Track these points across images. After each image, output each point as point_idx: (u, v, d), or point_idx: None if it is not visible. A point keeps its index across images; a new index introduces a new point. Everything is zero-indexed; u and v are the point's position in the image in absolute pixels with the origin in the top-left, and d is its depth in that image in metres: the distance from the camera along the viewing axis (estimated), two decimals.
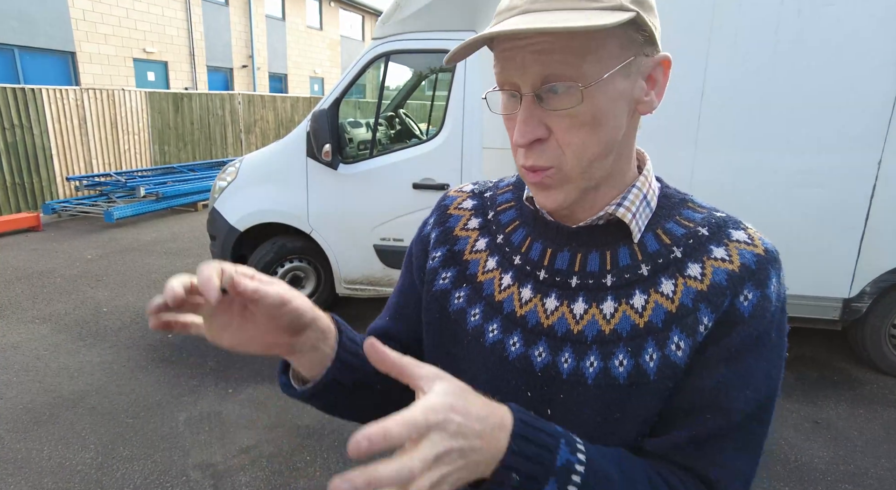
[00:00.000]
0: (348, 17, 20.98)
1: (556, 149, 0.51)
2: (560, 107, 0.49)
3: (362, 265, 3.59)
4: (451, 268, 0.65)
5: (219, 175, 3.91)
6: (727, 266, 0.52)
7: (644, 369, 0.52)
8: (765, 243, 0.55)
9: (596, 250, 0.57)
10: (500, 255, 0.62)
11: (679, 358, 0.52)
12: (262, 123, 10.80)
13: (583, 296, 0.56)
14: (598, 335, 0.54)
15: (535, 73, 0.48)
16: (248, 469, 2.29)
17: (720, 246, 0.54)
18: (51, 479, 2.19)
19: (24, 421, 2.57)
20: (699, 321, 0.51)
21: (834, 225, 2.94)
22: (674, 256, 0.55)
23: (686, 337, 0.52)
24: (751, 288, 0.52)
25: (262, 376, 3.06)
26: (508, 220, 0.64)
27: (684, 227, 0.56)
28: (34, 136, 6.67)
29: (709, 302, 0.52)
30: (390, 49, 3.32)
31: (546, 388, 0.57)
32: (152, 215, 7.08)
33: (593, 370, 0.54)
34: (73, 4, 10.45)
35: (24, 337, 3.45)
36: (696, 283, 0.53)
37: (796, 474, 2.31)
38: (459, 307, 0.62)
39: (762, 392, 0.52)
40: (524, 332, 0.58)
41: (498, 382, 0.59)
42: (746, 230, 0.56)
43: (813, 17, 2.72)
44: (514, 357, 0.58)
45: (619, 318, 0.54)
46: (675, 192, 0.62)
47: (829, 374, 3.21)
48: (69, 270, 4.77)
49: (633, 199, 0.56)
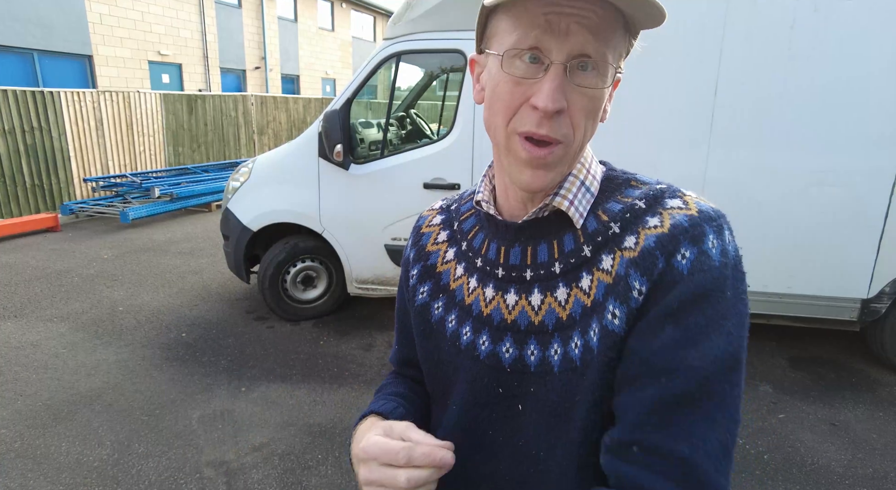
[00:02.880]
0: (360, 18, 21.06)
1: (568, 125, 0.51)
2: (586, 84, 0.50)
3: (373, 265, 3.60)
4: (427, 282, 0.68)
5: (232, 175, 3.95)
6: (658, 231, 0.51)
7: (590, 346, 0.52)
8: (700, 206, 0.53)
9: (544, 241, 0.58)
10: (466, 261, 0.65)
11: (616, 326, 0.51)
12: (274, 124, 10.88)
13: (538, 287, 0.57)
14: (556, 323, 0.55)
15: (576, 44, 0.49)
16: (260, 466, 2.31)
17: (654, 216, 0.53)
18: (69, 474, 2.23)
19: (44, 417, 2.62)
20: (630, 287, 0.50)
21: (852, 225, 2.89)
22: (612, 232, 0.54)
23: (620, 304, 0.51)
24: (687, 245, 0.49)
25: (275, 375, 3.08)
26: (469, 227, 0.67)
27: (622, 203, 0.56)
28: (53, 138, 6.79)
29: (638, 266, 0.50)
30: (401, 49, 3.33)
31: (516, 384, 0.58)
32: (167, 216, 7.17)
33: (557, 357, 0.55)
34: (90, 9, 10.63)
35: (43, 335, 3.52)
36: (629, 252, 0.52)
37: (813, 477, 2.28)
38: (439, 316, 0.66)
39: (720, 350, 0.47)
40: (491, 329, 0.60)
41: (474, 382, 0.61)
42: (683, 197, 0.54)
43: (829, 13, 2.68)
44: (484, 355, 0.60)
45: (571, 302, 0.55)
46: (622, 173, 0.61)
47: (846, 375, 3.15)
48: (86, 270, 4.85)
49: (569, 186, 0.56)
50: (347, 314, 3.96)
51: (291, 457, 2.37)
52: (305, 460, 2.35)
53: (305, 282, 3.83)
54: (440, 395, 0.68)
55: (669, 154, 2.99)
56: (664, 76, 2.90)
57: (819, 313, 3.07)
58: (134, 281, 4.59)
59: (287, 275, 3.74)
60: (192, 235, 6.22)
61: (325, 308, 3.86)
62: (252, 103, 10.21)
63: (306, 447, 2.44)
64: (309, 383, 3.00)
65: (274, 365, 3.20)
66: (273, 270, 3.68)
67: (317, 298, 3.85)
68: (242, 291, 4.37)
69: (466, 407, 0.62)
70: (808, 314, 3.10)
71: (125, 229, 6.38)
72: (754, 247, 2.97)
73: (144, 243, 5.81)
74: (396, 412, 0.65)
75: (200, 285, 4.52)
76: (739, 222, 2.66)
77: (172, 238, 6.07)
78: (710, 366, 0.47)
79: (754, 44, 2.78)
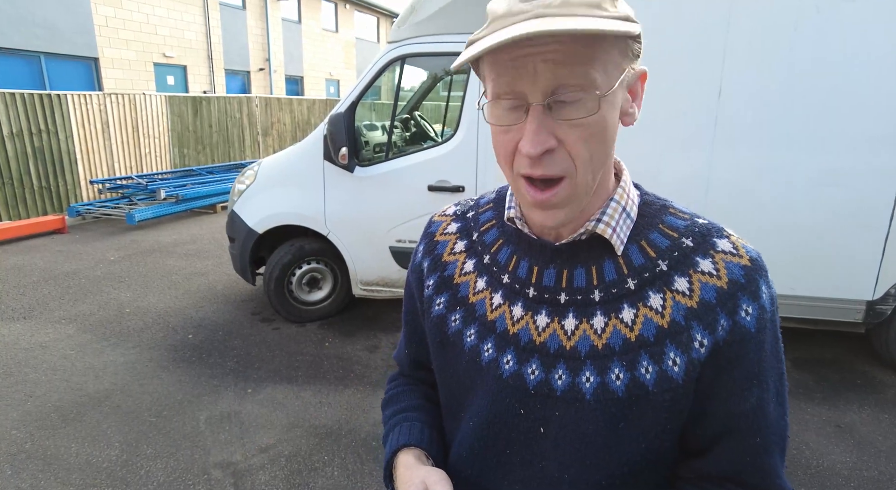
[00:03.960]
0: (363, 19, 21.10)
1: (567, 159, 0.50)
2: (572, 116, 0.48)
3: (378, 267, 3.62)
4: (443, 293, 0.66)
5: (237, 178, 3.97)
6: (715, 282, 0.53)
7: (641, 381, 0.53)
8: (749, 251, 0.55)
9: (581, 266, 0.57)
10: (489, 275, 0.63)
11: (676, 373, 0.53)
12: (279, 126, 10.92)
13: (572, 311, 0.57)
14: (590, 350, 0.55)
15: (548, 81, 0.47)
16: (267, 468, 2.33)
17: (706, 258, 0.54)
18: (79, 475, 2.26)
19: (53, 419, 2.65)
20: (693, 338, 0.52)
21: (856, 226, 2.88)
22: (659, 270, 0.55)
23: (681, 353, 0.53)
24: (748, 301, 0.52)
25: (281, 376, 3.10)
26: (492, 239, 0.65)
27: (668, 237, 0.56)
28: (60, 140, 6.84)
29: (700, 319, 0.53)
30: (406, 52, 3.34)
31: (539, 407, 0.57)
32: (172, 217, 7.21)
33: (590, 385, 0.54)
34: (96, 11, 10.70)
35: (52, 337, 3.55)
36: (685, 298, 0.53)
37: (818, 480, 2.28)
38: (456, 329, 0.64)
39: (782, 392, 0.56)
40: (517, 349, 0.59)
41: (494, 401, 0.60)
42: (730, 238, 0.56)
43: (832, 13, 2.68)
44: (507, 375, 0.59)
45: (609, 332, 0.55)
46: (655, 198, 0.61)
47: (851, 377, 3.15)
48: (93, 272, 4.89)
49: (612, 213, 0.56)
50: (352, 316, 3.98)
51: (298, 458, 2.39)
52: (312, 462, 2.37)
53: (311, 284, 3.85)
54: (454, 408, 0.67)
55: (673, 155, 3.00)
56: (668, 78, 2.91)
57: (824, 315, 3.07)
58: (140, 282, 4.63)
59: (293, 277, 3.77)
60: (198, 237, 6.25)
61: (330, 310, 3.88)
62: (257, 105, 10.25)
63: (313, 449, 2.46)
64: (315, 385, 3.02)
65: (280, 366, 3.22)
66: (279, 272, 3.70)
67: (322, 300, 3.87)
68: (248, 293, 4.40)
69: (484, 424, 0.61)
70: (812, 316, 3.09)
71: (131, 231, 6.43)
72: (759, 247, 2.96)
73: (150, 245, 5.85)
74: (424, 439, 0.67)
75: (206, 287, 4.55)
76: (743, 223, 2.68)
77: (178, 240, 6.10)
78: (779, 408, 0.57)
79: (757, 45, 2.78)
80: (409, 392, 0.77)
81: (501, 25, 0.48)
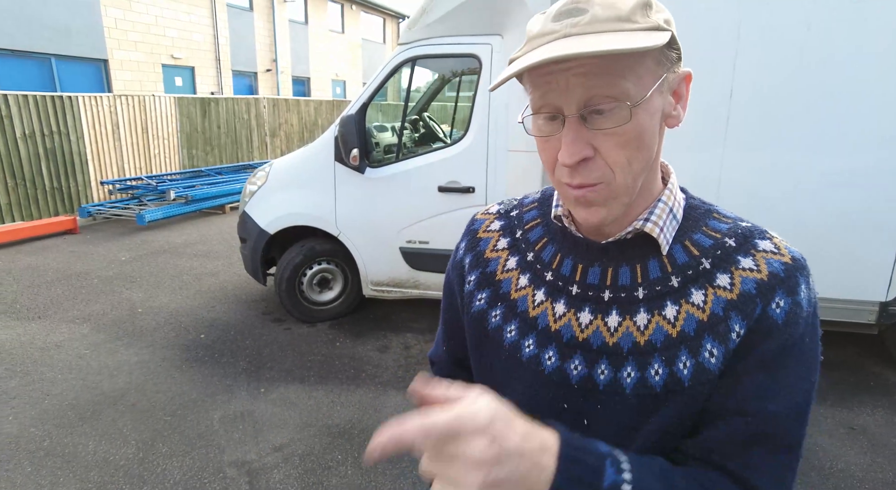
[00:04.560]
0: (369, 20, 21.16)
1: (604, 167, 0.52)
2: (606, 126, 0.50)
3: (388, 267, 3.64)
4: (485, 289, 0.67)
5: (249, 179, 4.00)
6: (755, 275, 0.54)
7: (679, 377, 0.54)
8: (791, 252, 0.56)
9: (626, 264, 0.59)
10: (532, 272, 0.64)
11: (712, 365, 0.53)
12: (286, 127, 10.98)
13: (616, 309, 0.58)
14: (633, 346, 0.56)
15: (580, 94, 0.50)
16: (281, 467, 2.35)
17: (747, 256, 0.55)
18: (97, 472, 2.29)
19: (70, 417, 2.68)
20: (730, 329, 0.53)
21: (869, 227, 2.88)
22: (703, 268, 0.56)
23: (719, 344, 0.53)
24: (782, 295, 0.53)
25: (293, 376, 3.12)
26: (537, 237, 0.66)
27: (711, 238, 0.58)
28: (71, 142, 6.91)
29: (739, 310, 0.53)
30: (416, 54, 3.36)
31: (583, 400, 0.58)
32: (182, 218, 7.26)
33: (631, 380, 0.56)
34: (105, 13, 10.79)
35: (66, 336, 3.59)
36: (726, 292, 0.54)
37: (831, 482, 2.27)
38: (497, 325, 0.65)
39: (799, 396, 0.53)
40: (559, 346, 0.60)
41: (535, 396, 0.61)
42: (772, 240, 0.57)
43: (843, 14, 2.67)
44: (549, 371, 0.60)
45: (652, 329, 0.56)
46: (700, 202, 0.63)
47: (864, 379, 3.14)
48: (105, 272, 4.94)
49: (660, 213, 0.58)
50: (363, 316, 4.00)
51: (312, 457, 2.41)
52: (326, 461, 2.39)
53: (321, 284, 3.87)
54: None
55: (685, 155, 2.99)
56: None
57: (836, 316, 3.06)
58: (152, 283, 4.67)
59: (304, 277, 3.79)
60: (208, 237, 6.30)
61: (340, 310, 3.90)
62: (264, 106, 10.30)
63: (326, 447, 2.48)
64: (326, 384, 3.04)
65: (292, 366, 3.24)
66: (290, 273, 3.73)
67: (332, 300, 3.89)
68: (259, 293, 4.43)
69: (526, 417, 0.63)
70: (825, 317, 3.08)
71: (142, 231, 6.48)
72: None
73: (161, 245, 5.90)
74: None
75: (217, 287, 4.59)
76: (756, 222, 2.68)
77: (188, 240, 6.15)
78: (790, 412, 0.53)
79: (768, 46, 2.78)
80: None
81: (536, 45, 0.51)
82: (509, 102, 3.21)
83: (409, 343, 3.59)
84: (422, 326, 3.85)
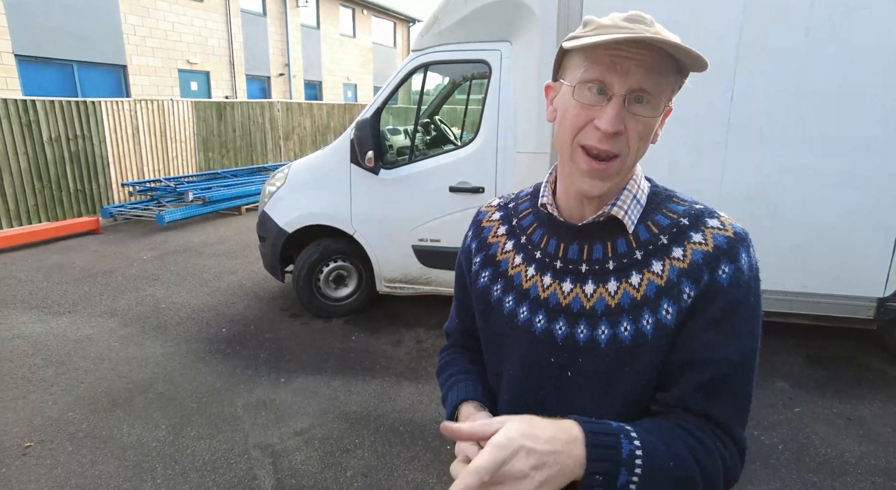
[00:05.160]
0: (380, 25, 21.39)
1: (625, 144, 0.65)
2: (641, 113, 0.64)
3: (401, 265, 3.78)
4: (488, 268, 0.82)
5: (268, 180, 4.17)
6: (703, 248, 0.67)
7: (643, 332, 0.67)
8: (734, 227, 0.69)
9: (599, 242, 0.72)
10: (525, 252, 0.78)
11: (669, 321, 0.67)
12: (299, 130, 11.19)
13: (591, 279, 0.71)
14: (605, 309, 0.69)
15: (634, 81, 0.63)
16: (302, 449, 2.50)
17: (698, 232, 0.68)
18: (132, 452, 2.46)
19: (104, 403, 2.85)
20: (682, 292, 0.66)
21: (867, 225, 2.97)
22: (661, 243, 0.69)
23: (673, 304, 0.66)
24: (726, 263, 0.66)
25: (311, 368, 3.28)
26: (528, 223, 0.80)
27: (669, 218, 0.71)
28: (94, 145, 7.15)
29: (689, 276, 0.66)
30: (429, 60, 3.51)
31: (567, 355, 0.72)
32: (200, 219, 7.48)
33: (605, 337, 0.69)
34: (125, 20, 11.09)
35: (96, 330, 3.78)
36: (679, 262, 0.67)
37: (826, 466, 2.38)
38: (498, 297, 0.79)
39: (746, 345, 0.66)
40: (547, 311, 0.73)
41: (529, 353, 0.75)
42: (719, 218, 0.70)
43: (844, 19, 2.77)
44: (539, 332, 0.74)
45: (621, 294, 0.69)
46: (663, 190, 0.76)
47: (863, 373, 3.22)
48: (128, 270, 5.14)
49: (625, 199, 0.71)
50: (376, 312, 4.15)
51: (331, 441, 2.56)
52: (344, 444, 2.54)
53: (337, 281, 4.03)
54: (495, 362, 0.82)
55: (688, 158, 3.11)
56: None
57: (836, 312, 3.15)
58: (173, 280, 4.86)
59: (320, 274, 3.95)
60: (226, 237, 6.49)
61: (355, 306, 4.06)
62: (278, 110, 10.52)
63: (344, 432, 2.63)
64: (343, 375, 3.19)
65: (310, 358, 3.40)
66: (307, 270, 3.89)
67: (347, 296, 4.05)
68: (276, 290, 4.60)
69: (522, 372, 0.76)
70: (825, 312, 3.18)
71: (161, 232, 6.70)
72: (770, 246, 3.07)
73: (181, 245, 6.10)
74: (479, 393, 0.82)
75: (236, 284, 4.76)
76: (756, 223, 2.85)
77: (206, 240, 6.35)
78: (740, 358, 0.65)
79: (770, 50, 2.89)
80: (461, 358, 0.92)
81: (609, 32, 0.61)
82: (517, 106, 3.34)
83: (421, 337, 3.74)
84: (433, 322, 3.99)
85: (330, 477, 2.32)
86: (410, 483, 2.28)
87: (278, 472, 2.35)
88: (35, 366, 3.25)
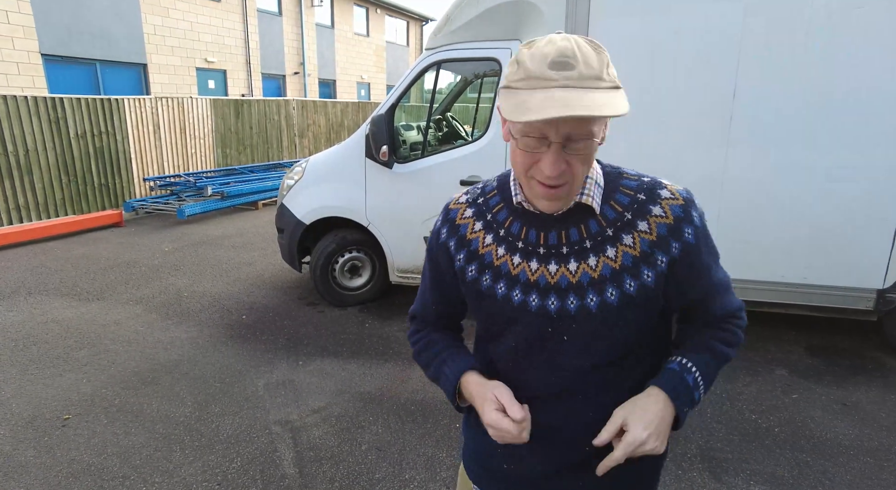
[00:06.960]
0: (393, 24, 21.56)
1: (570, 174, 0.76)
2: (580, 151, 0.74)
3: (413, 255, 3.93)
4: (473, 262, 0.91)
5: (287, 174, 4.34)
6: (665, 221, 0.81)
7: (628, 293, 0.81)
8: (681, 193, 0.83)
9: (573, 226, 0.84)
10: (506, 244, 0.87)
11: (649, 282, 0.81)
12: (314, 127, 11.39)
13: (573, 258, 0.83)
14: (590, 281, 0.82)
15: (566, 131, 0.73)
16: (320, 425, 2.66)
17: (656, 205, 0.82)
18: (162, 425, 2.63)
19: (134, 382, 3.04)
20: (657, 259, 0.81)
21: (867, 217, 3.04)
22: (626, 219, 0.82)
23: (650, 269, 0.81)
24: (686, 226, 0.81)
25: (328, 351, 3.44)
26: (504, 217, 0.89)
27: (627, 196, 0.83)
28: (117, 141, 7.41)
29: (659, 247, 0.81)
30: (441, 58, 3.65)
31: (562, 324, 0.84)
32: (218, 213, 7.70)
33: (594, 303, 0.82)
34: (145, 20, 11.39)
35: (124, 316, 3.98)
36: (647, 235, 0.81)
37: (820, 448, 2.47)
38: (488, 286, 0.89)
39: (717, 263, 0.89)
40: (538, 290, 0.85)
41: (528, 327, 0.86)
42: (667, 187, 0.83)
43: (843, 17, 2.85)
44: (534, 309, 0.85)
45: (601, 266, 0.82)
46: (611, 168, 0.88)
47: (861, 362, 3.30)
48: (151, 261, 5.35)
49: (589, 186, 0.83)
50: (389, 301, 4.30)
51: (346, 418, 2.72)
52: (359, 421, 2.69)
53: (352, 271, 4.19)
54: (495, 335, 0.93)
55: (691, 154, 3.21)
56: (686, 80, 3.13)
57: (836, 303, 3.23)
58: (194, 271, 5.06)
59: (336, 264, 4.11)
60: (243, 231, 6.70)
61: (369, 295, 4.21)
62: (294, 108, 10.73)
63: (359, 411, 2.78)
64: (358, 359, 3.35)
65: (326, 343, 3.56)
66: (324, 260, 4.05)
67: (362, 286, 4.21)
68: (293, 280, 4.77)
69: (524, 342, 0.87)
70: (825, 303, 3.26)
71: (181, 225, 6.92)
72: (772, 239, 3.16)
73: (200, 238, 6.31)
74: (476, 363, 0.95)
75: (255, 275, 4.95)
76: (758, 216, 3.03)
77: (225, 233, 6.56)
78: (721, 274, 0.90)
79: (771, 47, 2.98)
80: (442, 337, 1.02)
81: (535, 86, 0.68)
82: None
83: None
84: None
85: (346, 450, 2.47)
86: (422, 456, 2.43)
87: (298, 445, 2.51)
88: (69, 347, 3.46)
